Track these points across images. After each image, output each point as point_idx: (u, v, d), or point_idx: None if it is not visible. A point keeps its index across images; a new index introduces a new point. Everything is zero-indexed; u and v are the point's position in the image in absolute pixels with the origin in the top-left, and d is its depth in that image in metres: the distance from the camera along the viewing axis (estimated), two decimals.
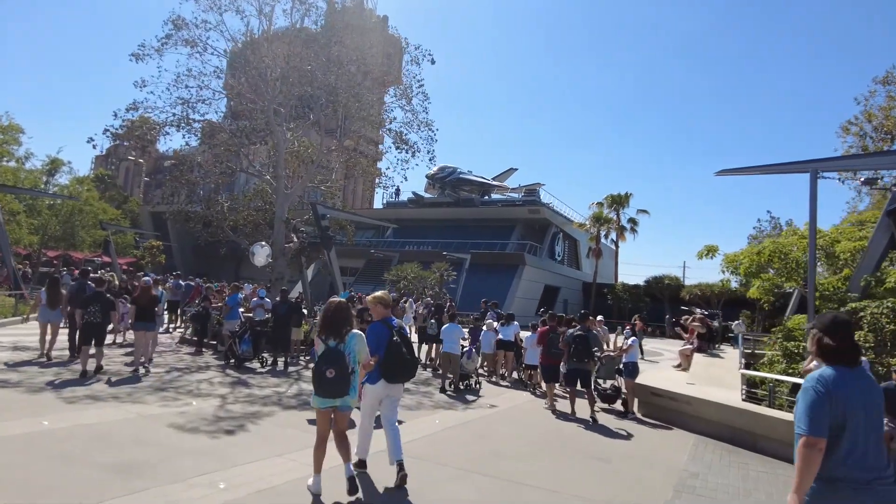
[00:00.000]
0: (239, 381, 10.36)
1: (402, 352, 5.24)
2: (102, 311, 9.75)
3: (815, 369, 2.46)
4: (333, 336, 4.77)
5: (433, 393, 10.80)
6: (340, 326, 4.82)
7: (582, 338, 10.09)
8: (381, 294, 5.66)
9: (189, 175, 18.10)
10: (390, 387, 5.35)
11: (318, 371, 4.69)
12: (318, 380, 4.70)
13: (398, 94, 19.13)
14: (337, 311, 4.92)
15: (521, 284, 40.16)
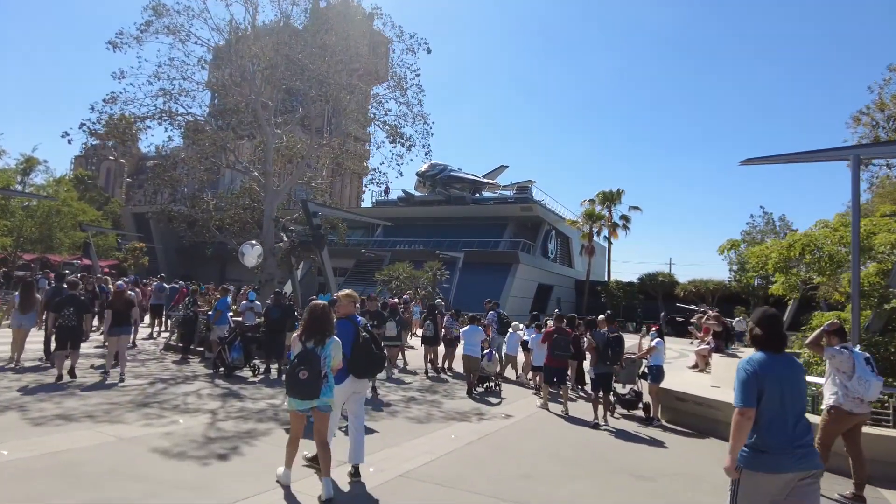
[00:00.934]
0: (230, 392, 9.47)
1: (369, 348, 5.31)
2: (77, 315, 9.43)
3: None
4: (314, 339, 4.81)
5: (441, 402, 9.99)
6: (324, 330, 4.89)
7: (618, 340, 9.43)
8: (349, 292, 5.75)
9: (172, 172, 17.08)
10: (357, 383, 5.43)
11: (291, 372, 4.71)
12: (291, 381, 4.72)
13: (392, 87, 18.29)
14: (323, 315, 4.95)
15: (515, 283, 39.46)
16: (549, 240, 47.68)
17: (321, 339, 4.83)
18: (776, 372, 3.26)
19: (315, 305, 5.07)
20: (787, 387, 3.25)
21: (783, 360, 3.34)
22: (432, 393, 10.88)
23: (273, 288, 17.43)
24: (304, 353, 4.74)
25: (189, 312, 13.26)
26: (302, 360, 4.70)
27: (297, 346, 4.84)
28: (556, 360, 9.97)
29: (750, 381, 3.25)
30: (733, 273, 45.93)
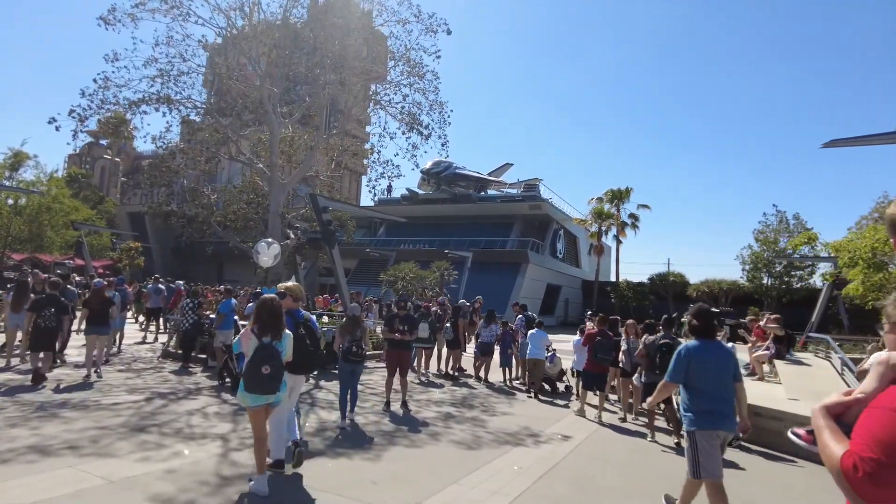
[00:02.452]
0: (240, 409, 8.13)
1: (305, 344, 5.28)
2: (57, 316, 9.15)
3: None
4: (272, 333, 4.74)
5: (483, 419, 8.67)
6: (280, 324, 4.85)
7: (669, 347, 8.19)
8: (292, 285, 5.72)
9: (170, 163, 15.71)
10: (293, 378, 5.37)
11: (253, 368, 4.61)
12: (253, 377, 4.61)
13: (406, 72, 16.96)
14: (277, 309, 4.89)
15: (524, 284, 38.16)
16: (558, 239, 46.40)
17: (278, 334, 4.79)
18: (710, 354, 4.33)
19: (269, 300, 4.98)
20: (714, 363, 4.31)
21: (714, 346, 4.43)
22: (468, 407, 9.57)
23: None
24: (264, 347, 4.67)
25: (192, 316, 11.93)
26: (264, 355, 4.64)
27: (250, 342, 4.72)
28: (598, 364, 9.34)
29: (681, 363, 4.33)
30: (746, 273, 44.74)
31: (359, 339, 7.61)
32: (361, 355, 7.59)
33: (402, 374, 8.95)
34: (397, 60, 16.45)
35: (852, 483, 1.32)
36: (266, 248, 14.82)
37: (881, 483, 1.28)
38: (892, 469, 1.26)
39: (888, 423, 1.31)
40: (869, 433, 1.34)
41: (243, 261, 46.92)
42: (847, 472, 1.33)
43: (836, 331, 27.12)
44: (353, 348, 7.51)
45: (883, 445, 1.28)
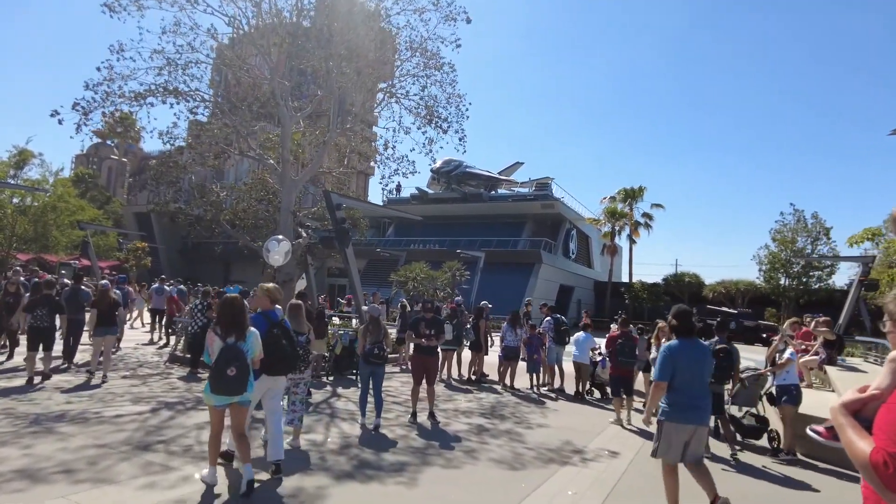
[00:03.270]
0: (253, 421, 7.43)
1: (281, 344, 5.23)
2: (50, 315, 9.20)
3: None
4: (236, 334, 4.71)
5: (518, 432, 7.92)
6: (243, 323, 4.80)
7: (727, 353, 7.48)
8: (270, 286, 5.68)
9: (178, 158, 15.03)
10: (272, 380, 5.33)
11: (219, 369, 4.58)
12: (219, 378, 4.58)
13: (422, 64, 16.20)
14: (242, 308, 4.86)
15: (537, 284, 37.36)
16: (571, 239, 45.55)
17: (242, 334, 4.75)
18: (688, 353, 4.70)
19: (232, 299, 4.96)
20: (693, 362, 4.70)
21: (693, 344, 4.80)
22: (500, 418, 8.82)
23: (292, 289, 15.41)
24: (229, 349, 4.63)
25: (202, 319, 11.25)
26: (230, 356, 4.60)
27: (214, 343, 4.68)
28: (622, 368, 9.20)
29: (666, 362, 4.68)
30: (763, 273, 43.78)
31: (380, 340, 7.47)
32: (383, 357, 7.47)
33: (430, 382, 8.23)
34: (414, 51, 15.71)
35: (884, 478, 1.38)
36: (276, 246, 14.08)
37: None
38: None
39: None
40: (893, 429, 1.40)
41: (251, 261, 46.33)
42: (878, 468, 1.39)
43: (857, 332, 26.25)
44: (374, 350, 7.39)
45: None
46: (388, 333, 8.17)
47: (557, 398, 11.03)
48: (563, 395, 11.45)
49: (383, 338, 7.55)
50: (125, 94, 13.71)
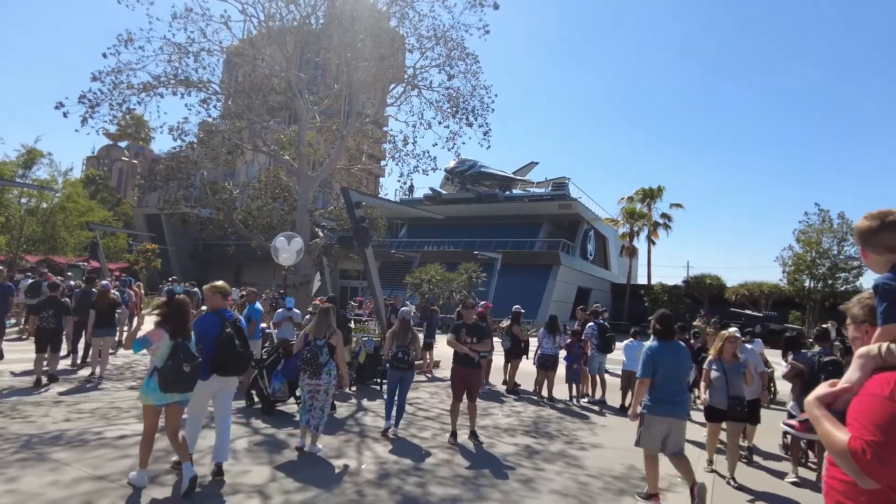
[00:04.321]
0: (276, 442, 6.56)
1: (233, 344, 5.09)
2: (56, 317, 9.10)
3: None
4: (183, 333, 4.73)
5: (573, 454, 6.97)
6: (186, 323, 4.81)
7: (836, 366, 6.46)
8: (220, 283, 5.46)
9: (189, 153, 14.22)
10: (223, 380, 5.21)
11: (174, 367, 4.54)
12: (173, 375, 4.53)
13: (444, 55, 15.30)
14: (184, 308, 4.87)
15: (555, 286, 36.34)
16: (588, 240, 44.44)
17: (186, 334, 4.78)
18: (667, 353, 5.20)
19: (179, 299, 4.99)
20: (673, 361, 5.18)
21: (673, 345, 5.31)
22: (547, 437, 7.88)
23: (309, 291, 14.57)
24: (180, 346, 4.65)
25: None
26: (183, 354, 4.62)
27: (162, 341, 4.67)
28: None
29: (648, 361, 5.17)
30: (786, 275, 42.47)
31: (407, 344, 7.25)
32: (408, 362, 7.20)
33: (472, 397, 7.29)
34: (438, 40, 14.82)
35: (861, 464, 1.51)
36: (286, 244, 13.16)
37: (885, 462, 1.49)
38: (891, 448, 1.49)
39: (880, 407, 1.54)
40: (867, 419, 1.55)
41: (263, 263, 45.52)
42: (856, 455, 1.51)
43: None
44: (398, 354, 7.18)
45: (881, 428, 1.51)
46: (417, 338, 7.83)
47: (603, 412, 10.07)
48: (607, 407, 10.51)
49: (411, 342, 7.30)
50: (133, 86, 12.94)
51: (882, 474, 1.49)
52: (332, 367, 6.29)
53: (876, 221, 1.85)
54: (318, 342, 6.24)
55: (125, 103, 12.54)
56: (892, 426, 1.50)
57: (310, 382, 6.18)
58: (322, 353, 6.18)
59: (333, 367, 6.31)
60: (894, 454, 1.48)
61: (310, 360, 6.16)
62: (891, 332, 1.72)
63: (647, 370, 5.15)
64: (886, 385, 1.57)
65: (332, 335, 6.34)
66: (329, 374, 6.23)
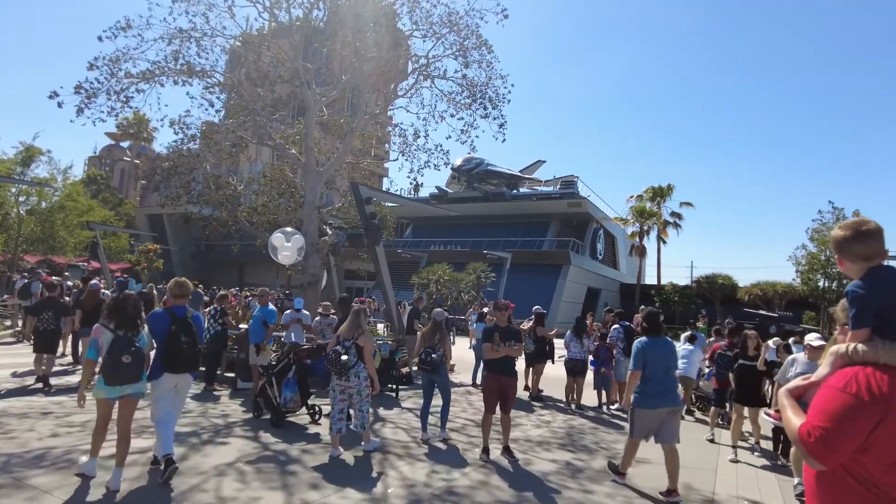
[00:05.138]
0: (289, 459, 5.83)
1: (179, 341, 5.03)
2: (56, 318, 8.91)
3: None
4: (127, 327, 4.74)
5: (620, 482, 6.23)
6: (136, 318, 4.83)
7: None
8: (179, 280, 5.52)
9: (190, 144, 13.51)
10: (175, 377, 5.09)
11: (113, 359, 4.58)
12: (113, 367, 4.58)
13: (457, 44, 14.58)
14: (135, 303, 4.92)
15: (565, 286, 35.56)
16: (598, 239, 43.66)
17: (135, 329, 4.78)
18: (656, 348, 5.51)
19: (127, 295, 5.07)
20: (661, 356, 5.49)
21: (660, 341, 5.61)
22: (586, 451, 7.14)
23: (318, 291, 13.84)
24: (120, 339, 4.66)
25: (216, 326, 9.69)
26: (123, 344, 4.63)
27: (103, 335, 4.69)
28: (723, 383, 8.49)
29: (639, 355, 5.50)
30: (799, 274, 41.62)
31: (434, 345, 6.96)
32: (430, 363, 6.86)
33: (506, 409, 6.55)
34: (452, 26, 14.10)
35: (806, 446, 1.70)
36: (284, 241, 12.39)
37: (830, 446, 1.65)
38: (837, 434, 1.65)
39: (833, 398, 1.72)
40: (819, 407, 1.74)
41: (265, 264, 44.82)
42: (802, 438, 1.71)
43: None
44: (422, 355, 6.96)
45: (829, 415, 1.69)
46: (447, 340, 7.52)
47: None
48: None
49: (438, 343, 7.01)
50: (132, 74, 12.25)
51: (826, 457, 1.67)
52: (361, 368, 6.12)
53: (850, 231, 1.99)
54: (346, 343, 6.12)
55: (123, 92, 11.83)
56: (839, 414, 1.67)
57: (339, 383, 6.11)
58: (349, 353, 6.03)
59: (362, 368, 6.13)
60: (841, 439, 1.65)
61: (333, 360, 6.01)
62: (859, 334, 1.87)
63: (638, 364, 5.51)
64: (843, 379, 1.75)
65: (360, 336, 6.19)
66: (357, 377, 6.09)
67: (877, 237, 1.96)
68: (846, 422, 1.65)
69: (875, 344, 1.80)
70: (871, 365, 1.76)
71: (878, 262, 1.96)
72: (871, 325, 1.86)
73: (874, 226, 1.98)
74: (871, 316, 1.87)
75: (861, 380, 1.71)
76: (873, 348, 1.79)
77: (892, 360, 1.75)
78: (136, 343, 4.73)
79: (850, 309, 1.93)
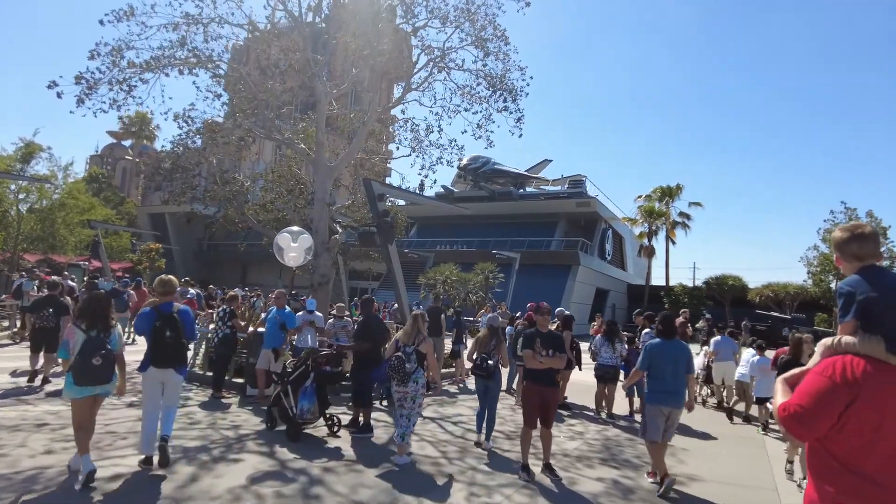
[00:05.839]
0: (311, 479, 5.22)
1: (164, 336, 5.20)
2: (56, 316, 8.85)
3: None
4: (99, 328, 4.77)
5: (680, 494, 5.62)
6: (107, 318, 4.87)
7: None
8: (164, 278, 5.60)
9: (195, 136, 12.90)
10: (161, 372, 5.26)
11: (83, 360, 4.61)
12: (83, 368, 4.60)
13: (472, 35, 13.96)
14: (102, 304, 4.95)
15: (574, 287, 34.92)
16: (607, 239, 43.02)
17: (106, 328, 4.81)
18: (667, 350, 5.73)
19: (98, 295, 5.14)
20: (670, 358, 5.69)
21: (672, 343, 5.79)
22: (631, 467, 6.52)
23: (328, 292, 13.23)
24: (92, 340, 4.70)
25: (224, 328, 9.08)
26: (94, 346, 4.67)
27: (75, 336, 4.72)
28: None
29: (646, 356, 5.80)
30: (811, 276, 40.94)
31: (488, 352, 6.87)
32: (487, 369, 6.77)
33: (548, 423, 5.92)
34: (469, 16, 13.48)
35: (781, 421, 1.96)
36: (290, 241, 11.71)
37: (803, 422, 1.90)
38: (810, 411, 1.88)
39: (812, 380, 1.94)
40: (800, 388, 1.97)
41: (269, 263, 44.30)
42: (779, 413, 1.96)
43: None
44: (478, 361, 6.91)
45: (804, 395, 1.92)
46: (503, 345, 7.30)
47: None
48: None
49: (493, 349, 6.91)
50: (135, 63, 11.64)
51: (798, 431, 1.94)
52: (420, 374, 6.08)
53: (847, 233, 2.19)
54: (406, 349, 6.08)
55: (126, 81, 11.23)
56: (814, 393, 1.91)
57: (398, 389, 6.05)
58: (410, 360, 6.01)
59: (421, 374, 6.09)
60: (812, 415, 1.89)
61: (396, 367, 5.95)
62: (845, 327, 2.05)
63: (644, 364, 5.82)
64: (824, 365, 1.97)
65: (421, 342, 6.14)
66: (416, 383, 6.04)
67: (871, 240, 2.14)
68: (818, 400, 1.87)
69: (858, 336, 1.96)
70: (852, 354, 1.94)
71: (871, 263, 2.12)
72: (856, 318, 2.01)
73: (869, 230, 2.16)
74: (854, 310, 2.02)
75: (838, 366, 1.91)
76: (855, 340, 1.95)
77: (870, 351, 1.91)
78: (108, 344, 4.75)
79: (839, 304, 2.09)
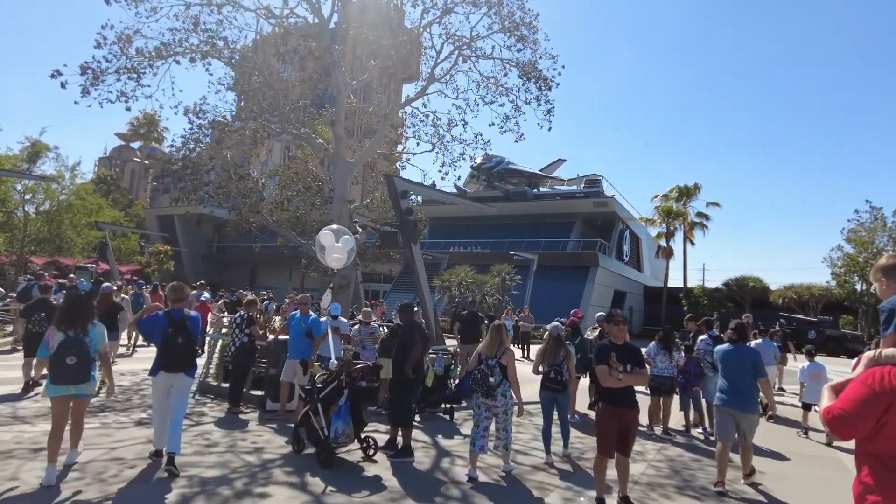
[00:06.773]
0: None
1: (175, 342, 5.29)
2: (48, 320, 8.08)
3: None
4: (76, 328, 4.82)
5: None
6: (84, 318, 4.92)
7: None
8: (176, 285, 5.72)
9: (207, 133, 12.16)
10: (171, 377, 5.34)
11: (58, 359, 4.69)
12: (58, 367, 4.69)
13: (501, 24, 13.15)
14: (82, 303, 5.08)
15: (593, 289, 33.96)
16: (624, 240, 42.04)
17: (83, 327, 4.86)
18: (736, 355, 6.01)
19: (75, 295, 5.38)
20: (737, 362, 5.95)
21: (741, 348, 6.08)
22: (711, 496, 5.64)
23: (349, 295, 12.44)
24: (68, 340, 4.75)
25: (242, 336, 8.26)
26: (69, 345, 4.72)
27: (55, 337, 4.77)
28: None
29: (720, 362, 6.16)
30: (835, 277, 39.80)
31: (559, 363, 6.68)
32: (562, 382, 6.67)
33: (626, 450, 5.04)
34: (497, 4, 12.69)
35: (825, 422, 2.20)
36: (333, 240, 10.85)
37: (843, 423, 2.12)
38: (852, 415, 2.10)
39: (854, 388, 2.16)
40: (844, 395, 2.19)
41: (278, 266, 43.59)
42: (824, 416, 2.20)
43: None
44: (551, 374, 6.70)
45: (847, 401, 2.14)
46: (571, 355, 7.13)
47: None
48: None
49: (564, 360, 6.73)
50: (143, 51, 10.91)
51: (840, 431, 2.16)
52: (507, 387, 5.91)
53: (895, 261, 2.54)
54: (489, 361, 5.87)
55: (135, 69, 10.49)
56: (856, 400, 2.12)
57: (485, 402, 5.90)
58: (494, 373, 5.81)
59: (507, 387, 5.91)
60: (852, 418, 2.11)
61: (480, 380, 5.82)
62: (888, 340, 2.35)
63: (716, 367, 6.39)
64: (866, 374, 2.18)
65: (503, 354, 5.89)
66: (504, 396, 5.89)
67: None
68: (859, 406, 2.11)
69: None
70: (892, 364, 2.17)
71: None
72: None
73: None
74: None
75: (877, 376, 2.14)
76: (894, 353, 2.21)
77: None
78: (86, 344, 4.77)
79: (881, 318, 2.44)
